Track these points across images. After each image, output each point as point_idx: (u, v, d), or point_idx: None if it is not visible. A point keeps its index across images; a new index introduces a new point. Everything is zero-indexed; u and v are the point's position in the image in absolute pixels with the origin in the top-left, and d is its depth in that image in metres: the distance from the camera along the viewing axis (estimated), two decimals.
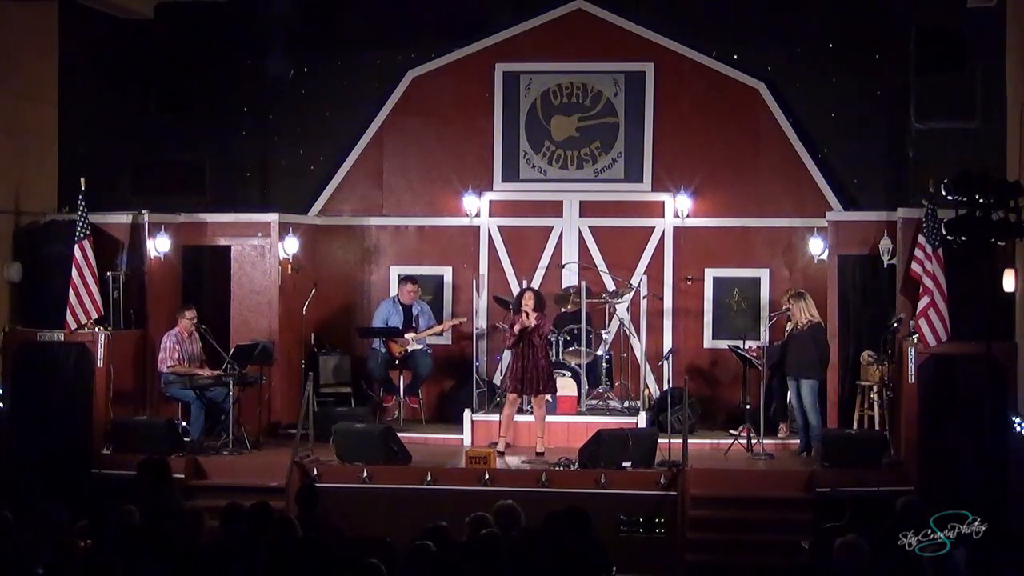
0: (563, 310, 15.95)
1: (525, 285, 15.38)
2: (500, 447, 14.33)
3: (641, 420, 14.96)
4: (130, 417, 14.77)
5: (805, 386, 14.35)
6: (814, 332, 14.31)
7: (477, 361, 15.94)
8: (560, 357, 15.49)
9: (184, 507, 10.00)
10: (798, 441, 14.66)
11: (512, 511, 9.53)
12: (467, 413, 15.27)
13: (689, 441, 13.56)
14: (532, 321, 14.07)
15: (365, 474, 13.51)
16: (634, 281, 16.18)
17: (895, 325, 14.27)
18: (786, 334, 14.93)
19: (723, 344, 15.79)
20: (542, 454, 14.26)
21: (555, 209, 16.64)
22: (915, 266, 14.01)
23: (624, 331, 15.88)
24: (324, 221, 16.90)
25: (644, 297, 16.01)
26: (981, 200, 12.21)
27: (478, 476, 13.34)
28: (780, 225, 16.27)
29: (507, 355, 14.56)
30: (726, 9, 16.44)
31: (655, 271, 16.38)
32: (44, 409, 14.44)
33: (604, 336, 16.14)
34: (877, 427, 14.58)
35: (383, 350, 15.88)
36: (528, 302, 14.19)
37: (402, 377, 15.88)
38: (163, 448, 14.13)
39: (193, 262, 16.16)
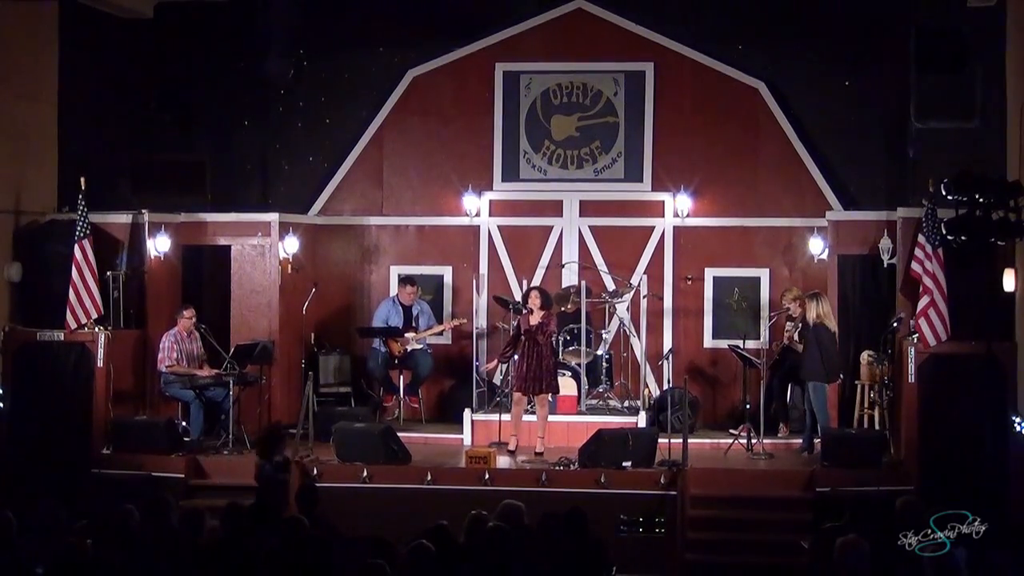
0: (563, 310, 15.94)
1: (530, 285, 15.29)
2: (511, 446, 14.30)
3: (641, 420, 14.95)
4: (130, 417, 14.79)
5: (810, 387, 14.41)
6: (816, 334, 14.32)
7: (477, 361, 15.93)
8: (560, 357, 15.48)
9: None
10: (799, 440, 14.70)
11: (517, 511, 9.54)
12: (467, 413, 15.27)
13: (689, 441, 13.55)
14: (537, 319, 14.10)
15: (365, 474, 13.51)
16: (634, 281, 16.18)
17: (895, 325, 14.28)
18: (786, 336, 14.99)
19: (723, 344, 15.79)
20: (541, 454, 14.25)
21: (555, 209, 16.64)
22: (915, 266, 14.02)
23: (624, 331, 15.89)
24: (324, 221, 16.90)
25: (644, 297, 16.01)
26: (981, 200, 12.21)
27: (478, 476, 13.34)
28: (780, 225, 16.27)
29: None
30: (726, 9, 16.44)
31: (655, 271, 16.38)
32: (44, 409, 14.45)
33: (604, 336, 16.14)
34: (877, 427, 14.60)
35: (383, 350, 15.88)
36: (534, 300, 14.21)
37: (402, 377, 15.89)
38: (163, 448, 14.18)
39: (193, 262, 16.17)
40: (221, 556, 8.67)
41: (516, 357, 14.32)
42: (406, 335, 15.79)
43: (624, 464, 13.48)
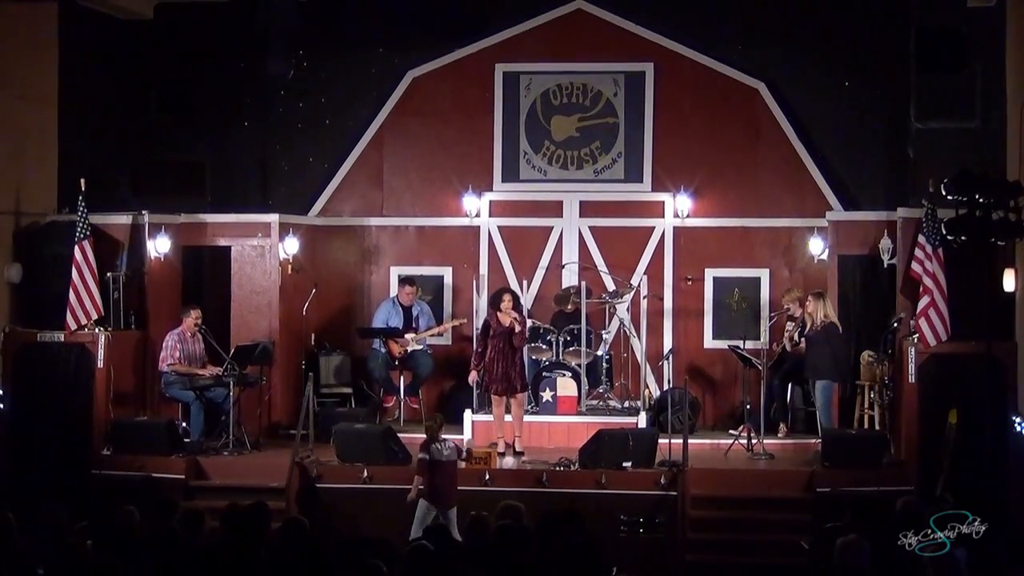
0: (563, 310, 15.94)
1: (502, 286, 15.23)
2: (500, 448, 14.35)
3: (641, 420, 14.95)
4: (130, 418, 14.78)
5: (818, 386, 14.42)
6: (827, 333, 14.33)
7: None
8: (560, 357, 15.48)
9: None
10: (799, 441, 14.72)
11: (516, 511, 9.55)
12: (467, 413, 15.26)
13: (689, 441, 13.54)
14: (517, 327, 14.12)
15: (365, 474, 13.51)
16: (634, 281, 16.17)
17: (895, 325, 14.28)
18: (786, 335, 15.00)
19: (723, 344, 15.78)
20: (522, 453, 14.31)
21: (555, 209, 16.64)
22: (915, 266, 14.01)
23: (624, 331, 15.88)
24: (324, 222, 16.90)
25: (644, 297, 16.00)
26: (981, 200, 12.21)
27: (478, 476, 13.33)
28: (780, 225, 16.27)
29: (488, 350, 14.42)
30: (726, 9, 16.44)
31: (655, 271, 16.38)
32: (44, 410, 14.44)
33: (604, 336, 16.13)
34: (877, 427, 14.60)
35: (383, 350, 15.87)
36: (507, 303, 14.22)
37: (402, 377, 15.88)
38: (163, 449, 14.18)
39: (193, 263, 16.16)
40: (221, 556, 8.66)
41: (486, 359, 14.30)
42: (406, 336, 15.79)
43: (624, 464, 13.47)
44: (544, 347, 15.56)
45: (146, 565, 8.61)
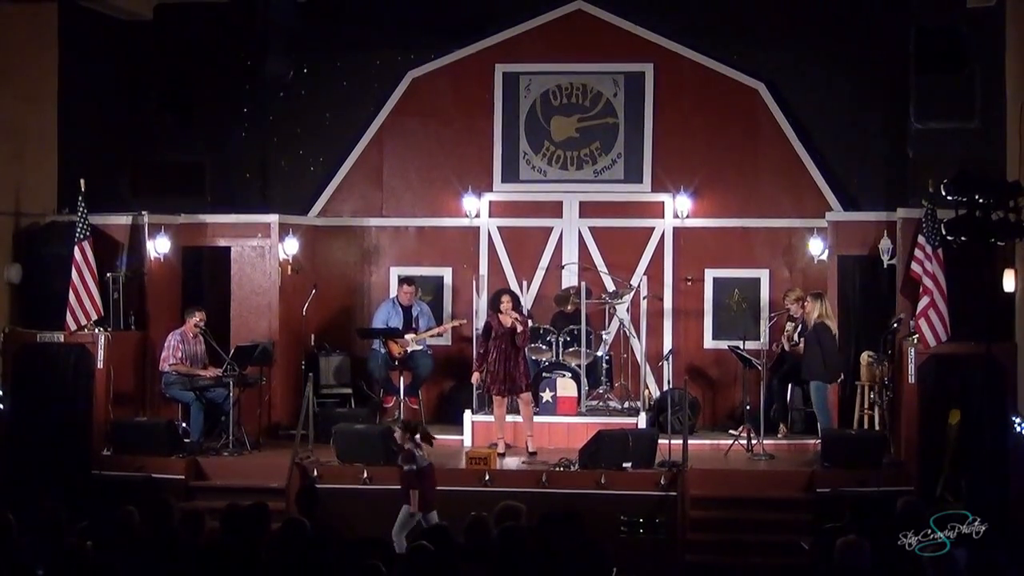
0: (563, 311, 15.94)
1: (501, 288, 15.23)
2: (500, 448, 14.35)
3: (641, 421, 14.95)
4: (130, 418, 14.79)
5: (811, 387, 14.43)
6: (818, 333, 14.34)
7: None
8: (560, 358, 15.48)
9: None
10: (799, 441, 14.73)
11: (515, 512, 9.54)
12: (467, 414, 15.26)
13: (689, 442, 13.55)
14: (519, 327, 14.12)
15: (365, 475, 13.52)
16: (634, 282, 16.17)
17: (895, 325, 14.28)
18: (784, 335, 15.00)
19: (723, 345, 15.78)
20: (535, 453, 14.31)
21: (555, 210, 16.64)
22: (915, 266, 14.02)
23: (624, 332, 15.88)
24: (324, 222, 16.90)
25: (644, 298, 16.00)
26: (981, 200, 12.20)
27: (478, 477, 13.35)
28: (780, 225, 16.27)
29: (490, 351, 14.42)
30: (726, 9, 16.44)
31: (655, 272, 16.38)
32: (44, 410, 14.45)
33: (604, 337, 16.13)
34: (877, 427, 14.59)
35: (383, 351, 15.87)
36: (507, 304, 14.23)
37: (402, 378, 15.87)
38: (163, 449, 14.18)
39: (193, 263, 16.17)
40: (221, 557, 8.66)
41: (489, 361, 14.30)
42: (406, 336, 15.79)
43: (624, 465, 13.47)
44: (544, 348, 15.55)
45: (146, 565, 8.61)
